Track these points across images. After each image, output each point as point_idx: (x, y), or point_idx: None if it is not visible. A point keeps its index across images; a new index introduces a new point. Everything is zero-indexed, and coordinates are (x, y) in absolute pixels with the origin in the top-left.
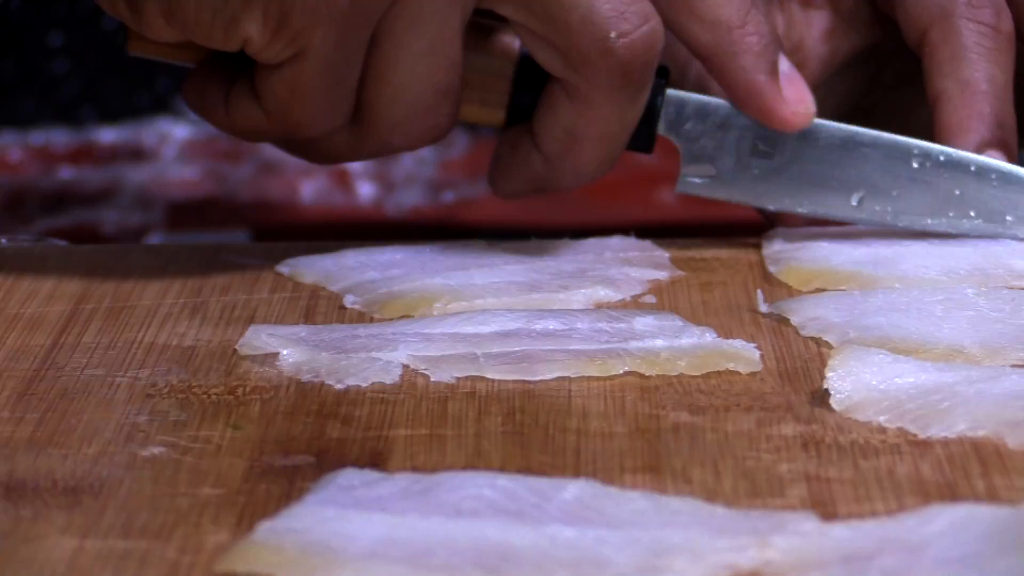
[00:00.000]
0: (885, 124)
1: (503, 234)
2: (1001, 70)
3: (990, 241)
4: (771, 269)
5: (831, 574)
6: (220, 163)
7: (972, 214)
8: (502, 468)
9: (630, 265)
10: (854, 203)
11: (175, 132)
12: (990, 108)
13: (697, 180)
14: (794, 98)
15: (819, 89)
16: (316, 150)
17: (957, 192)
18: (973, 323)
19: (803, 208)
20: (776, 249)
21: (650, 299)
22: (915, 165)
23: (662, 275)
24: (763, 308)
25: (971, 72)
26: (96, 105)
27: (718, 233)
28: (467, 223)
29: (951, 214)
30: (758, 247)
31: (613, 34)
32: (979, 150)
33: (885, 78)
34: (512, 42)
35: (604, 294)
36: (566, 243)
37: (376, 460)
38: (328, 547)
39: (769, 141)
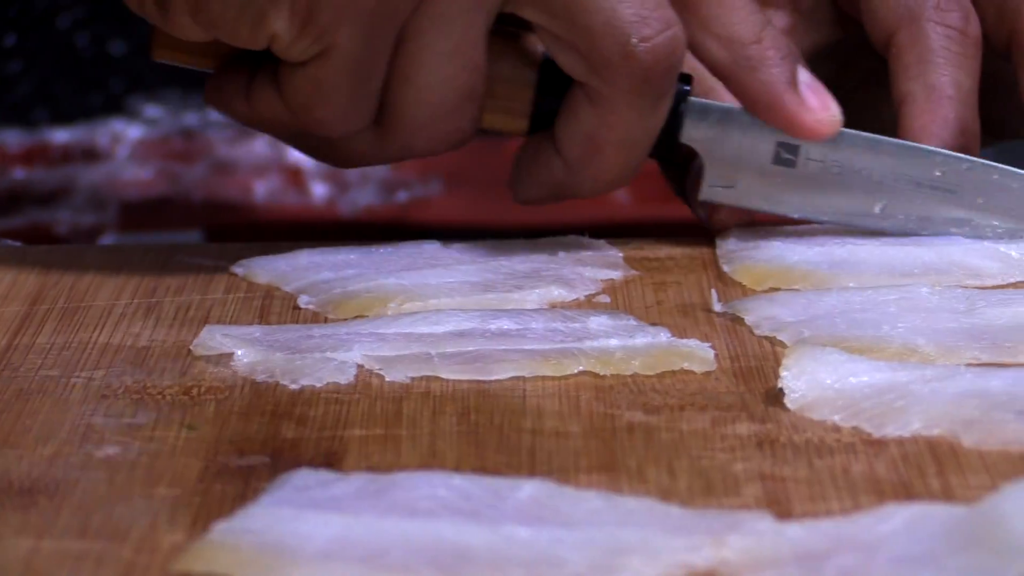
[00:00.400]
0: (852, 123)
1: (457, 234)
2: (967, 75)
3: (944, 240)
4: (725, 268)
5: (786, 573)
6: (173, 163)
7: (995, 223)
8: (457, 468)
9: (584, 265)
10: (877, 211)
11: (128, 132)
12: (955, 114)
13: (720, 188)
14: (818, 106)
15: None
16: (337, 152)
17: (980, 200)
18: (927, 322)
19: (826, 216)
20: (730, 248)
21: (604, 299)
22: (938, 173)
23: (616, 275)
24: (717, 307)
25: (938, 76)
26: (49, 106)
27: (672, 233)
28: (421, 223)
29: (974, 222)
30: (712, 246)
31: (635, 39)
32: None
33: (849, 77)
34: (535, 48)
35: (558, 294)
36: (520, 243)
37: (331, 460)
38: (284, 547)
39: (792, 149)
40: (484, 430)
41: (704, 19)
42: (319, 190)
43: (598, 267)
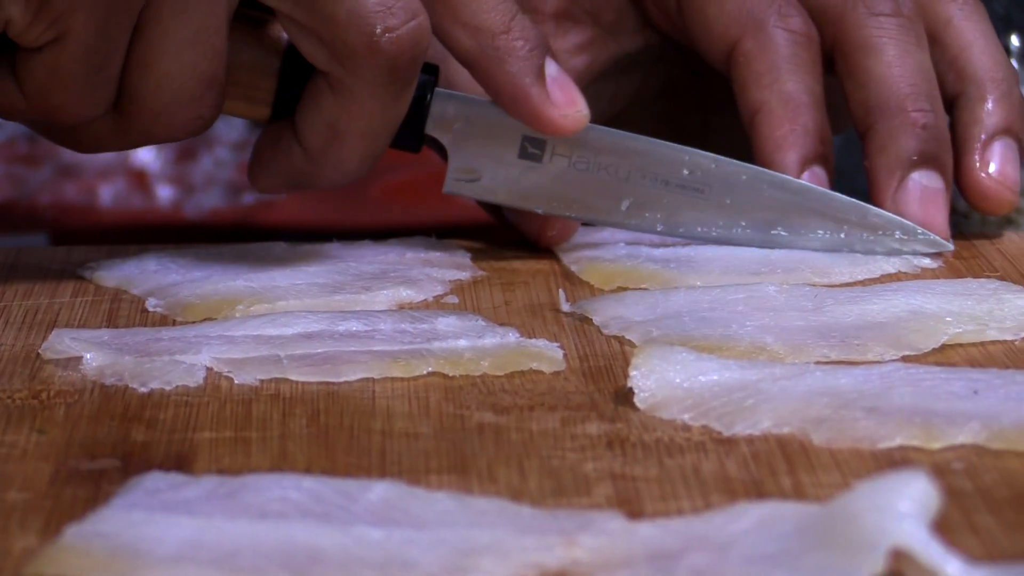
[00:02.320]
0: (651, 134)
1: (304, 236)
2: (817, 81)
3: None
4: (572, 268)
5: (638, 573)
6: (18, 167)
7: (743, 224)
8: (307, 470)
9: (432, 266)
10: (623, 209)
11: None
12: (812, 121)
13: (464, 181)
14: (564, 101)
15: None
16: (77, 137)
17: (728, 201)
18: (776, 320)
19: (572, 212)
20: (573, 248)
21: (452, 299)
22: (686, 172)
23: (464, 275)
24: (565, 307)
25: (792, 84)
26: None
27: (519, 233)
28: (267, 225)
29: (722, 224)
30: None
31: (379, 29)
32: (804, 165)
33: (650, 87)
34: (279, 35)
35: (406, 295)
36: (368, 244)
37: (181, 463)
38: (135, 550)
39: (538, 143)
40: (334, 432)
41: (453, 7)
42: (164, 193)
43: (446, 268)
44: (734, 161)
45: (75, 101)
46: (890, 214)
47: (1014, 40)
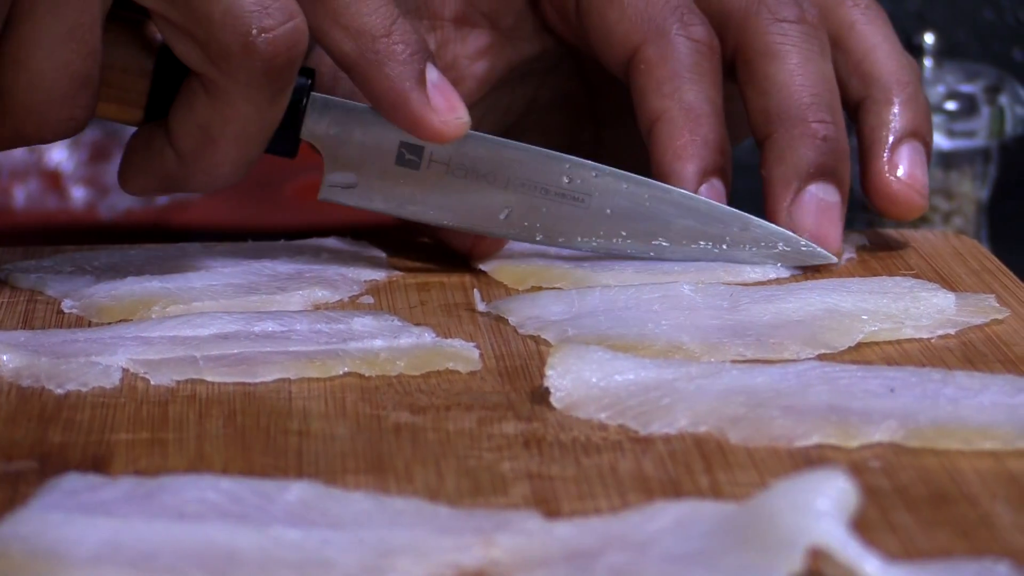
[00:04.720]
0: (544, 144)
1: (218, 236)
2: (717, 92)
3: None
4: (483, 268)
5: (556, 572)
6: None
7: (623, 234)
8: (225, 471)
9: (347, 266)
10: (502, 218)
11: None
12: (713, 132)
13: (340, 188)
14: (444, 107)
15: (476, 107)
16: None
17: (608, 211)
18: (691, 319)
19: (449, 221)
20: None
21: (368, 299)
22: (566, 181)
23: (379, 275)
24: (481, 307)
25: (693, 94)
26: None
27: (434, 233)
28: (181, 226)
29: (602, 233)
30: None
31: (255, 29)
32: (702, 177)
33: (544, 96)
34: (153, 36)
35: (322, 295)
36: (282, 245)
37: (98, 464)
38: (54, 552)
39: (416, 150)
40: (251, 432)
41: (333, 9)
42: (78, 194)
43: (361, 268)
44: (615, 170)
45: None
46: (774, 225)
47: (927, 38)
